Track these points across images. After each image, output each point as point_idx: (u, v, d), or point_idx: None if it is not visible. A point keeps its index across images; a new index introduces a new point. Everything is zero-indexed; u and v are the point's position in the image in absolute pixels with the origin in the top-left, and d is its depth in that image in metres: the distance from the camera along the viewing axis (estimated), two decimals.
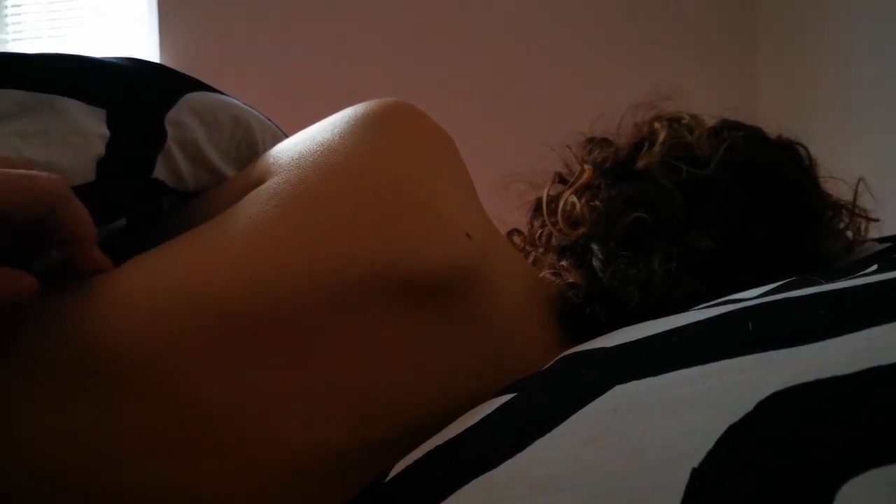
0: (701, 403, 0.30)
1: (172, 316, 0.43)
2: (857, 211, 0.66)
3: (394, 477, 0.41)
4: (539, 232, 0.65)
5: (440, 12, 2.24)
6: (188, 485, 0.41)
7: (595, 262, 0.56)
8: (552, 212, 0.63)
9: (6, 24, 2.54)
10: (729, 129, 0.64)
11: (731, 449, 0.27)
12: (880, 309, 0.33)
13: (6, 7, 2.53)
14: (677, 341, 0.39)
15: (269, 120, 0.67)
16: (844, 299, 0.37)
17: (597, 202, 0.59)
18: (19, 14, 2.54)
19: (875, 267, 0.44)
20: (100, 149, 0.50)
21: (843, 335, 0.31)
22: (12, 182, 0.36)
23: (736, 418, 0.28)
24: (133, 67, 0.58)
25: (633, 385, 0.35)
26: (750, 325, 0.36)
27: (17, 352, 0.42)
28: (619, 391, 0.35)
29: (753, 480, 0.26)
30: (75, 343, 0.42)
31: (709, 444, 0.28)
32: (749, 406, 0.29)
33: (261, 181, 0.50)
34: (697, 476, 0.27)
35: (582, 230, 0.58)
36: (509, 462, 0.34)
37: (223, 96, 0.62)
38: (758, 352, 0.32)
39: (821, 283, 0.40)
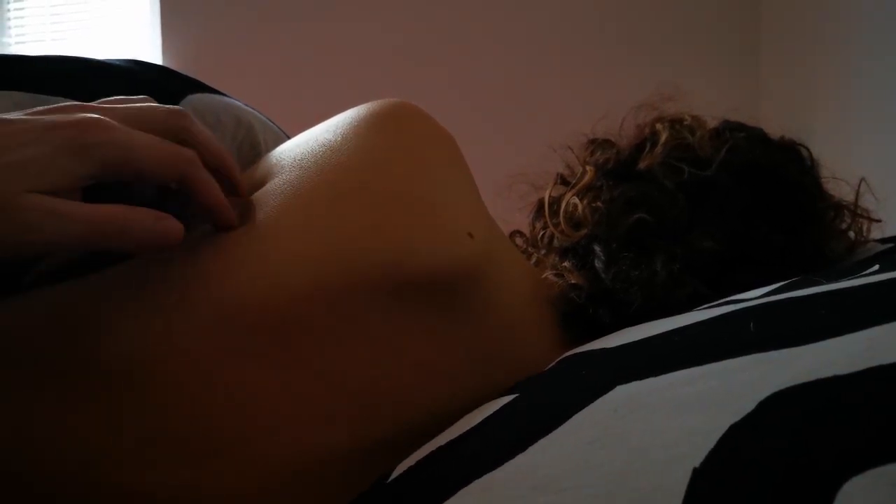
0: (702, 403, 0.30)
1: (173, 318, 0.43)
2: (858, 211, 0.66)
3: (396, 477, 0.41)
4: (541, 233, 0.65)
5: (442, 13, 2.24)
6: (189, 485, 0.42)
7: (597, 264, 0.56)
8: (554, 213, 0.63)
9: (9, 28, 2.55)
10: (731, 130, 0.64)
11: (733, 448, 0.27)
12: (881, 308, 0.33)
13: (9, 10, 2.53)
14: (678, 342, 0.39)
15: (270, 121, 0.67)
16: (845, 299, 0.37)
17: (598, 203, 0.59)
18: (22, 17, 2.55)
19: (876, 267, 0.44)
20: None
21: (845, 335, 0.31)
22: (148, 147, 0.40)
23: (737, 418, 0.28)
24: (135, 69, 0.58)
25: (635, 385, 0.35)
26: (751, 325, 0.36)
27: (26, 352, 0.42)
28: (620, 391, 0.35)
29: (754, 480, 0.25)
30: (78, 344, 0.42)
31: (710, 443, 0.28)
32: (750, 406, 0.29)
33: (263, 182, 0.50)
34: (698, 475, 0.27)
35: (584, 231, 0.59)
36: (511, 463, 0.34)
37: (225, 97, 0.62)
38: (759, 352, 0.32)
39: (822, 284, 0.40)
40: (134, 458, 0.41)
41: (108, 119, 0.39)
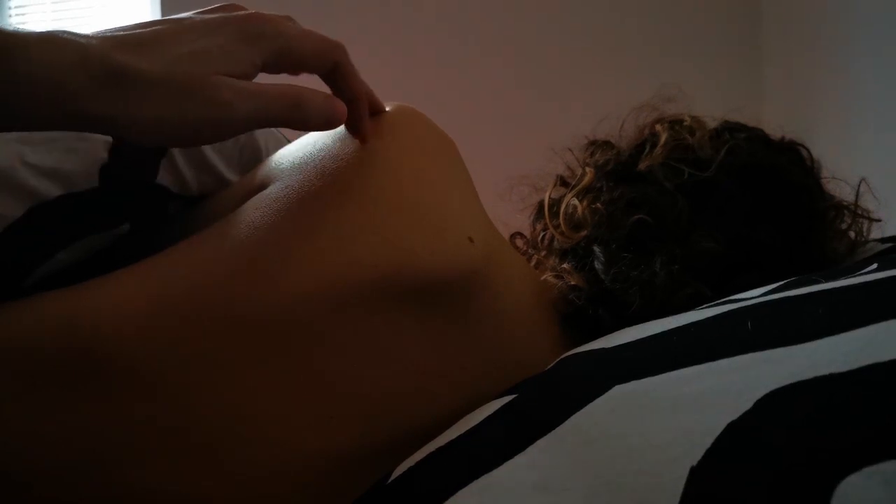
0: (700, 402, 0.31)
1: (174, 320, 0.43)
2: (859, 212, 0.65)
3: (396, 478, 0.41)
4: (541, 235, 0.65)
5: (443, 15, 2.24)
6: (190, 486, 0.42)
7: (596, 265, 0.56)
8: (554, 214, 0.63)
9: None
10: (731, 131, 0.64)
11: (730, 447, 0.27)
12: (878, 307, 0.33)
13: (10, 9, 2.54)
14: (676, 341, 0.39)
15: None
16: (842, 298, 0.37)
17: (598, 205, 0.59)
18: (23, 14, 2.56)
19: (874, 266, 0.44)
20: (103, 154, 0.51)
21: (841, 333, 0.31)
22: (308, 37, 0.44)
23: (734, 417, 0.28)
24: None
25: (633, 385, 0.35)
26: (749, 324, 0.36)
27: (27, 354, 0.42)
28: (618, 391, 0.35)
29: (752, 478, 0.26)
30: (78, 346, 0.42)
31: (707, 442, 0.28)
32: (747, 405, 0.29)
33: (263, 186, 0.50)
34: (696, 474, 0.27)
35: (583, 233, 0.58)
36: (510, 463, 0.35)
37: None
38: (756, 351, 0.33)
39: (820, 283, 0.40)
40: (134, 459, 0.41)
41: (270, 14, 0.44)
